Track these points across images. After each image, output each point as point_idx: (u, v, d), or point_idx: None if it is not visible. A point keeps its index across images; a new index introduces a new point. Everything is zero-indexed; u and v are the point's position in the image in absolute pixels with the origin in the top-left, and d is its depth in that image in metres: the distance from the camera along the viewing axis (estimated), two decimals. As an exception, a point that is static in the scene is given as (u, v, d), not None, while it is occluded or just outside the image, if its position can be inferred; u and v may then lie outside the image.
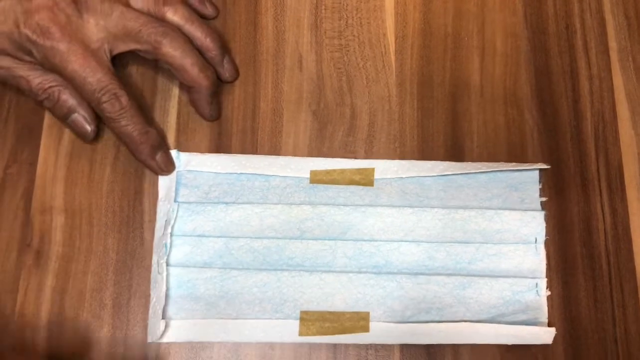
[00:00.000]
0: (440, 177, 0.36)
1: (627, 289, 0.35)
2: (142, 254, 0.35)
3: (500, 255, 0.35)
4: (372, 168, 0.36)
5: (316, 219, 0.35)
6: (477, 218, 0.35)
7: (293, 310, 0.34)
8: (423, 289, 0.34)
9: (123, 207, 0.36)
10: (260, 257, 0.34)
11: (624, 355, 0.34)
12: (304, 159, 0.36)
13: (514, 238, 0.35)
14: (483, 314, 0.34)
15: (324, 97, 0.38)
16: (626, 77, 0.39)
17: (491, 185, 0.36)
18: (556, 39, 0.40)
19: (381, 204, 0.35)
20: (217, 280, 0.34)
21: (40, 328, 0.34)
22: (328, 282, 0.34)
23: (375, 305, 0.34)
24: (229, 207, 0.35)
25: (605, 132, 0.38)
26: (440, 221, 0.35)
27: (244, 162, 0.36)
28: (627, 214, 0.37)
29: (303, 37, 0.39)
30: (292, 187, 0.35)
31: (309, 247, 0.34)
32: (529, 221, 0.35)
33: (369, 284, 0.34)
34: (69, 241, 0.35)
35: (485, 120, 0.38)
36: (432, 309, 0.34)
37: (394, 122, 0.38)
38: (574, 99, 0.39)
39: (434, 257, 0.35)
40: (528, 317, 0.34)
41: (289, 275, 0.34)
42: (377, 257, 0.34)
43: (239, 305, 0.34)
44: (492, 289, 0.34)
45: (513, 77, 0.39)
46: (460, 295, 0.34)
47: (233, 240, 0.34)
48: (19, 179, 0.36)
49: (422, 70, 0.39)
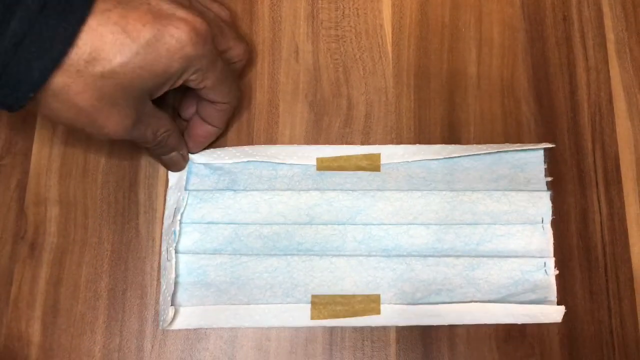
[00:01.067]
0: (446, 161, 0.36)
1: (622, 280, 0.35)
2: (138, 245, 0.35)
3: (508, 235, 0.35)
4: (379, 153, 0.36)
5: (325, 204, 0.35)
6: (485, 200, 0.35)
7: (304, 295, 0.34)
8: (433, 271, 0.34)
9: (118, 198, 0.35)
10: (270, 243, 0.34)
11: (619, 346, 0.34)
12: (310, 147, 0.36)
13: (521, 218, 0.35)
14: (493, 294, 0.34)
15: (321, 88, 0.38)
16: (623, 68, 0.39)
17: (497, 166, 0.36)
18: (553, 30, 0.39)
19: (389, 189, 0.35)
20: (227, 266, 0.34)
21: (35, 319, 0.33)
22: (338, 265, 0.34)
23: (386, 287, 0.34)
24: (237, 194, 0.35)
25: (602, 123, 0.38)
26: (448, 204, 0.35)
27: (251, 152, 0.36)
28: (623, 205, 0.37)
29: (299, 27, 0.39)
30: (300, 174, 0.35)
31: (318, 232, 0.34)
32: (535, 201, 0.35)
33: (379, 267, 0.34)
34: (64, 232, 0.35)
35: (482, 111, 0.38)
36: (442, 290, 0.34)
37: (391, 114, 0.38)
38: (570, 91, 0.38)
39: (442, 239, 0.35)
40: (537, 296, 0.34)
41: (299, 260, 0.34)
42: (387, 240, 0.35)
43: (250, 291, 0.34)
44: (501, 269, 0.34)
45: (510, 68, 0.39)
46: (470, 276, 0.34)
47: (242, 226, 0.34)
48: (13, 170, 0.35)
49: (419, 61, 0.39)
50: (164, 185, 0.36)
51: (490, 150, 0.36)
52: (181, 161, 0.35)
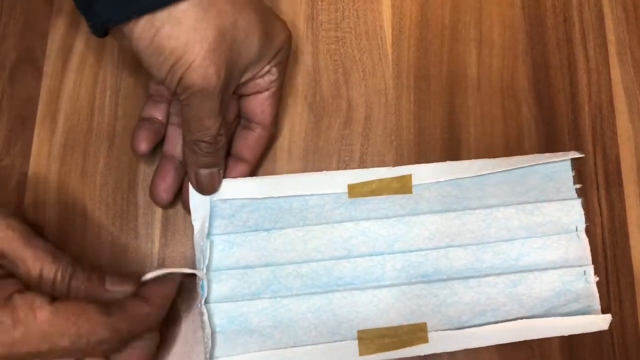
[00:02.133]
0: (477, 177, 0.36)
1: (623, 282, 0.35)
2: (137, 246, 0.35)
3: (545, 247, 0.35)
4: (410, 174, 0.35)
5: (360, 235, 0.34)
6: (518, 214, 0.35)
7: (349, 331, 0.33)
8: (475, 292, 0.34)
9: (117, 200, 0.35)
10: (309, 281, 0.34)
11: (619, 347, 0.34)
12: (338, 173, 0.35)
13: (556, 229, 0.35)
14: (536, 309, 0.34)
15: (320, 89, 0.38)
16: (624, 70, 0.39)
17: (527, 178, 0.36)
18: (554, 31, 0.39)
19: (422, 212, 0.35)
20: (269, 310, 0.33)
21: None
22: (381, 297, 0.33)
23: (431, 314, 0.33)
24: (271, 235, 0.34)
25: (603, 125, 0.38)
26: (483, 222, 0.35)
27: (279, 183, 0.35)
28: (624, 207, 0.36)
29: (299, 28, 0.39)
30: (331, 203, 0.35)
31: (357, 264, 0.34)
32: (568, 210, 0.35)
33: (422, 294, 0.34)
34: (63, 234, 0.35)
35: (482, 113, 0.38)
36: (486, 310, 0.34)
37: (391, 115, 0.37)
38: (571, 92, 0.38)
39: (481, 258, 0.34)
40: (581, 305, 0.34)
41: (340, 296, 0.33)
42: (426, 265, 0.34)
43: (295, 333, 0.33)
44: (542, 282, 0.34)
45: (510, 70, 0.38)
46: (513, 293, 0.34)
47: (279, 268, 0.34)
48: (12, 171, 0.35)
49: (419, 62, 0.38)
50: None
51: (519, 164, 0.36)
52: (217, 181, 0.33)
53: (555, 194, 0.36)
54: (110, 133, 0.36)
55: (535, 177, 0.36)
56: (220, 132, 0.31)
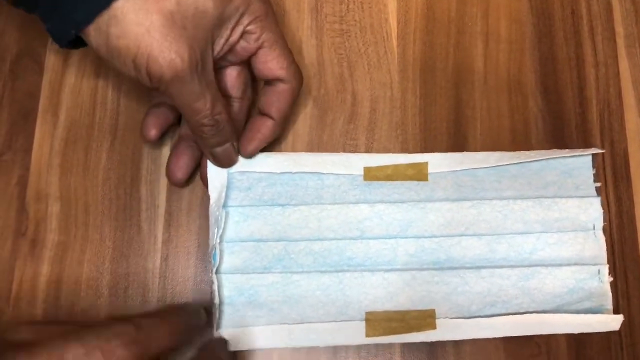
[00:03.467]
0: (493, 168, 0.35)
1: (631, 279, 0.35)
2: (140, 242, 0.34)
3: (560, 243, 0.34)
4: (426, 162, 0.35)
5: (375, 218, 0.34)
6: (535, 207, 0.34)
7: (358, 312, 0.33)
8: (487, 283, 0.33)
9: (120, 195, 0.35)
10: (321, 259, 0.34)
11: (627, 345, 0.34)
12: (355, 155, 0.35)
13: (573, 225, 0.34)
14: (548, 304, 0.33)
15: (325, 83, 0.37)
16: (632, 63, 0.38)
17: (545, 172, 0.35)
18: (562, 24, 0.39)
19: (438, 199, 0.35)
20: (279, 285, 0.33)
21: (36, 317, 0.33)
22: (391, 281, 0.33)
23: (441, 301, 0.33)
24: (286, 210, 0.34)
25: (611, 119, 0.37)
26: (500, 213, 0.34)
27: (296, 160, 0.35)
28: (632, 202, 0.36)
29: (304, 21, 0.38)
30: (346, 184, 0.35)
31: (369, 246, 0.34)
32: (586, 208, 0.35)
33: (433, 281, 0.33)
34: (65, 229, 0.34)
35: (489, 107, 0.37)
36: (497, 302, 0.33)
37: (396, 109, 0.37)
38: (579, 86, 0.38)
39: (495, 249, 0.34)
40: (593, 304, 0.34)
41: (351, 277, 0.33)
42: (439, 252, 0.34)
43: (303, 309, 0.33)
44: (555, 278, 0.34)
45: (517, 63, 0.38)
46: (525, 287, 0.33)
47: (292, 243, 0.34)
48: (14, 166, 0.35)
49: (425, 56, 0.38)
50: (166, 181, 0.35)
51: (537, 157, 0.35)
52: (233, 154, 0.33)
53: (574, 190, 0.35)
54: (112, 127, 0.36)
55: (553, 173, 0.35)
56: (217, 111, 0.30)
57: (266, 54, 0.32)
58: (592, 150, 0.36)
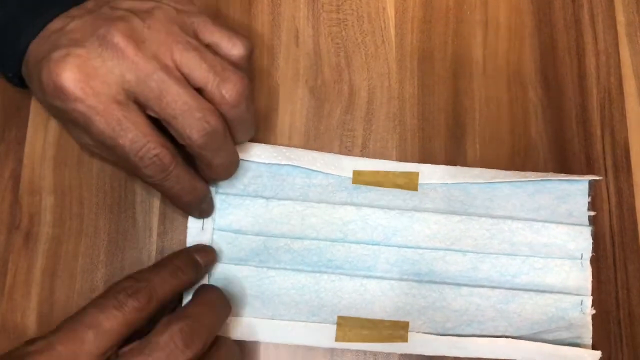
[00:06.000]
0: (486, 185, 0.34)
1: (631, 270, 0.35)
2: (134, 235, 0.34)
3: (546, 269, 0.33)
4: (417, 172, 0.34)
5: (360, 221, 0.33)
6: (524, 230, 0.34)
7: (330, 315, 0.33)
8: (466, 301, 0.33)
9: (114, 187, 0.35)
10: (299, 258, 0.33)
11: (627, 337, 0.34)
12: (347, 158, 0.35)
13: (560, 253, 0.34)
14: (525, 330, 0.33)
15: (322, 73, 0.37)
16: (634, 52, 0.38)
17: (538, 196, 0.34)
18: (562, 12, 0.38)
19: (426, 210, 0.34)
20: (253, 279, 0.33)
21: (30, 310, 0.33)
22: (368, 288, 0.33)
23: (416, 315, 0.33)
24: (269, 203, 0.33)
25: (612, 109, 0.37)
26: (487, 231, 0.34)
27: (286, 154, 0.34)
28: (632, 193, 0.36)
29: (300, 10, 0.38)
30: (334, 185, 0.34)
31: (350, 250, 0.33)
32: (576, 236, 0.34)
33: (411, 293, 0.33)
34: (59, 222, 0.34)
35: (487, 97, 0.37)
36: (473, 322, 0.33)
37: (394, 100, 0.37)
38: (579, 75, 0.37)
39: (478, 267, 0.33)
40: (571, 335, 0.33)
41: (328, 279, 0.33)
42: (421, 264, 0.33)
43: (276, 306, 0.33)
44: (536, 304, 0.33)
45: (517, 52, 0.37)
46: (504, 310, 0.33)
47: (272, 239, 0.33)
48: (7, 158, 0.35)
49: (423, 45, 0.37)
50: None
51: (533, 178, 0.34)
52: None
53: (567, 217, 0.34)
54: (106, 119, 0.35)
55: (547, 197, 0.34)
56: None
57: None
58: (589, 176, 0.35)
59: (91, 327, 0.25)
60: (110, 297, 0.26)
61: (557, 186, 0.35)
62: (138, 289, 0.27)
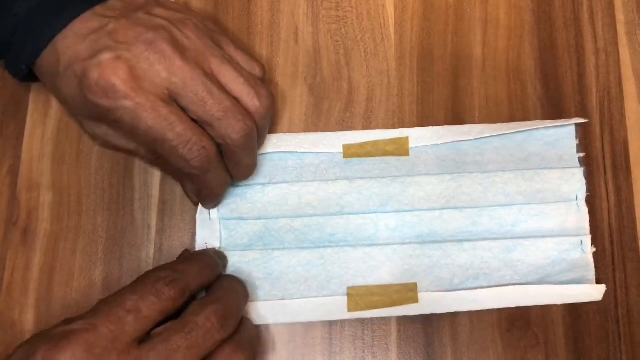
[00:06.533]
0: (476, 141, 0.35)
1: (630, 269, 0.35)
2: (133, 232, 0.34)
3: (543, 215, 0.34)
4: (406, 137, 0.35)
5: (354, 193, 0.34)
6: (517, 179, 0.34)
7: (340, 287, 0.33)
8: (470, 255, 0.33)
9: (113, 184, 0.34)
10: (302, 236, 0.34)
11: (625, 336, 0.34)
12: (335, 134, 0.35)
13: (555, 197, 0.34)
14: (531, 276, 0.33)
15: (321, 70, 0.37)
16: (633, 51, 0.38)
17: (527, 144, 0.35)
18: (562, 11, 0.38)
19: (419, 173, 0.34)
20: (259, 262, 0.33)
21: (28, 307, 0.33)
22: (373, 255, 0.33)
23: (423, 275, 0.33)
24: (266, 188, 0.34)
25: (611, 108, 0.37)
26: (480, 185, 0.34)
27: (275, 142, 0.35)
28: (631, 192, 0.36)
29: (299, 8, 0.37)
30: (326, 163, 0.35)
31: (350, 222, 0.34)
32: (568, 179, 0.34)
33: (415, 255, 0.33)
34: (57, 219, 0.34)
35: (487, 95, 0.37)
36: (479, 274, 0.33)
37: (393, 97, 0.36)
38: (579, 74, 0.37)
39: (477, 222, 0.34)
40: (576, 275, 0.34)
41: (332, 252, 0.33)
42: (421, 226, 0.34)
43: (285, 286, 0.33)
44: (538, 249, 0.34)
45: (516, 50, 0.37)
46: (507, 259, 0.33)
47: (272, 221, 0.34)
48: (5, 154, 0.35)
49: (423, 43, 0.37)
50: (160, 171, 0.35)
51: (520, 129, 0.35)
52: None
53: (557, 162, 0.35)
54: (105, 115, 0.35)
55: (536, 144, 0.35)
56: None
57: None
58: (575, 119, 0.35)
59: (131, 312, 0.26)
60: (149, 285, 0.27)
61: (544, 133, 0.35)
62: (175, 280, 0.28)
